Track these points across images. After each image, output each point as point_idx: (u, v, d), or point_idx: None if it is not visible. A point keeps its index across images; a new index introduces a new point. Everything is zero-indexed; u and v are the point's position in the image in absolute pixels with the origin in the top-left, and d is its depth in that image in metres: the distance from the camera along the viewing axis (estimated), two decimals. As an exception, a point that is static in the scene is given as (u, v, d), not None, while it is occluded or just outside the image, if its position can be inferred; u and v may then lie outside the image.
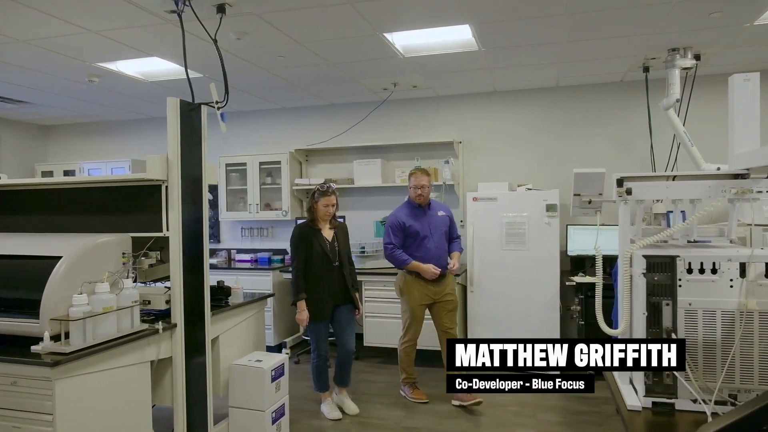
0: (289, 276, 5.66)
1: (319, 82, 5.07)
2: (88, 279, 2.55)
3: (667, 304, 1.67)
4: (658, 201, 4.83)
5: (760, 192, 1.71)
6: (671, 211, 4.76)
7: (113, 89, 5.21)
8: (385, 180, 5.73)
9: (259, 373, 3.32)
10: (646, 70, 4.71)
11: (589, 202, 1.92)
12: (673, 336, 1.64)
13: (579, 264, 5.02)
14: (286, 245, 6.26)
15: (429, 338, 5.03)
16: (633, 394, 1.76)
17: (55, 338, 2.43)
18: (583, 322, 4.58)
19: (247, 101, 5.78)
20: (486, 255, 4.89)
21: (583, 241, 5.00)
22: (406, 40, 3.97)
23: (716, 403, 1.59)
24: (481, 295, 4.92)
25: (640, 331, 1.72)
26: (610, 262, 4.86)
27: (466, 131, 5.67)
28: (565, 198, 5.00)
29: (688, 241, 1.91)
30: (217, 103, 3.14)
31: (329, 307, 3.82)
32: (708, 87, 4.77)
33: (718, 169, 4.13)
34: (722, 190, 1.76)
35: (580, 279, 4.64)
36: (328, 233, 3.86)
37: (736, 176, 1.79)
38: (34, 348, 2.42)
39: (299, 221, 4.15)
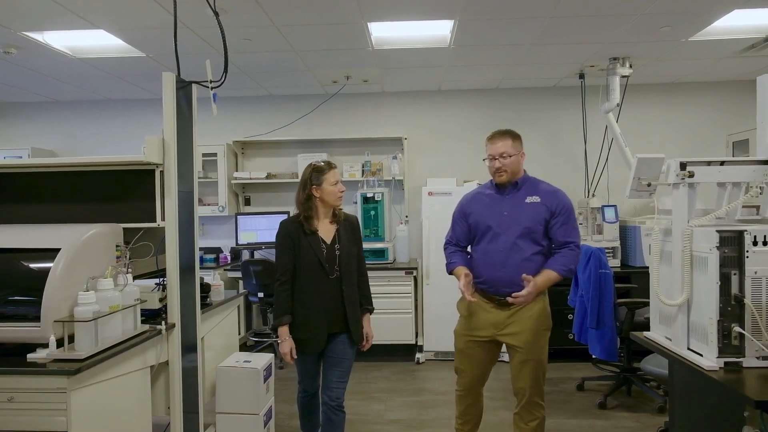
0: (234, 274, 5.34)
1: (272, 70, 4.85)
2: (87, 274, 2.22)
3: (735, 274, 1.87)
4: (593, 196, 5.30)
5: (793, 176, 1.98)
6: (605, 205, 5.23)
7: (26, 64, 4.52)
8: (332, 175, 5.63)
9: (252, 374, 3.09)
10: (582, 76, 5.16)
11: (648, 184, 2.08)
12: (745, 301, 1.84)
13: (523, 255, 5.35)
14: (219, 243, 5.91)
15: (393, 331, 5.06)
16: (699, 358, 1.94)
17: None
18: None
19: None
20: (441, 248, 4.98)
21: (527, 234, 5.33)
22: (382, 32, 3.95)
23: (778, 358, 1.82)
24: (435, 287, 5.03)
25: (710, 301, 1.89)
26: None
27: (410, 128, 5.76)
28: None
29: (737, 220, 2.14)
30: (211, 82, 2.88)
31: (321, 337, 2.71)
32: (635, 95, 5.35)
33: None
34: (764, 174, 2.02)
35: (529, 269, 4.95)
36: (327, 231, 2.76)
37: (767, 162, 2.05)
38: (31, 356, 2.05)
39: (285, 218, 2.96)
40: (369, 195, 5.27)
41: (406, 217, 5.64)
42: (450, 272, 2.82)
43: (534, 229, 2.62)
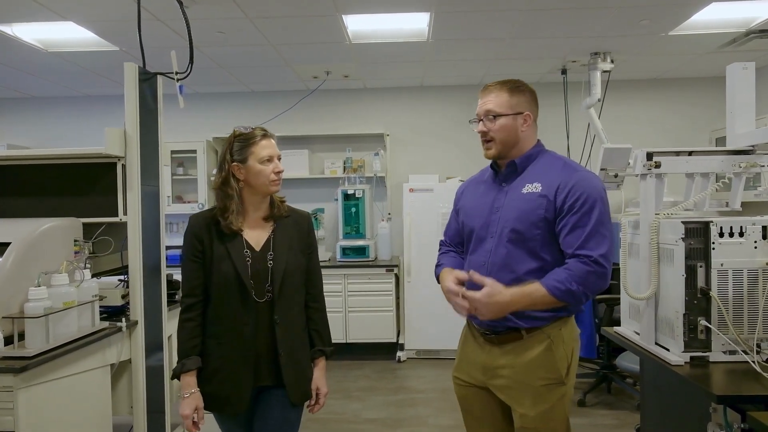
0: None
1: (250, 65, 4.78)
2: (42, 269, 2.14)
3: (701, 266, 1.83)
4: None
5: (763, 166, 1.94)
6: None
7: (-5, 59, 4.44)
8: (313, 171, 5.58)
9: (221, 372, 3.02)
10: (564, 72, 5.13)
11: (615, 176, 2.04)
12: (711, 294, 1.79)
13: (506, 252, 5.30)
14: (199, 241, 5.81)
15: (374, 329, 5.01)
16: (666, 353, 1.89)
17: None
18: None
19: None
20: (422, 244, 4.95)
21: (509, 231, 5.29)
22: (358, 25, 3.89)
23: (745, 352, 1.77)
24: (417, 284, 4.98)
25: (676, 294, 1.85)
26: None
27: (392, 124, 5.71)
28: (494, 190, 5.24)
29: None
30: (177, 73, 2.82)
31: (243, 393, 1.84)
32: (618, 91, 5.30)
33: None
34: (732, 164, 1.97)
35: (511, 266, 4.91)
36: (256, 233, 1.90)
37: (738, 152, 2.01)
38: (-24, 355, 1.98)
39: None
40: (350, 192, 5.21)
41: (389, 214, 5.58)
42: (437, 277, 1.98)
43: (527, 233, 1.74)
